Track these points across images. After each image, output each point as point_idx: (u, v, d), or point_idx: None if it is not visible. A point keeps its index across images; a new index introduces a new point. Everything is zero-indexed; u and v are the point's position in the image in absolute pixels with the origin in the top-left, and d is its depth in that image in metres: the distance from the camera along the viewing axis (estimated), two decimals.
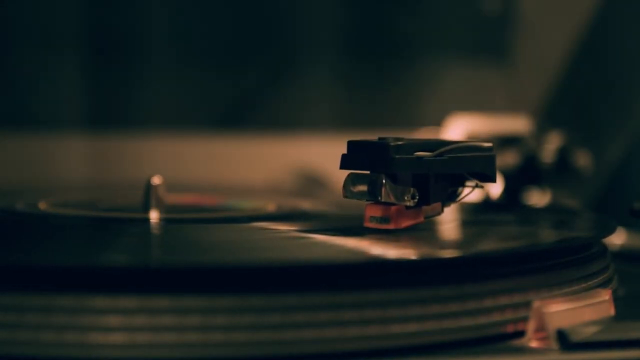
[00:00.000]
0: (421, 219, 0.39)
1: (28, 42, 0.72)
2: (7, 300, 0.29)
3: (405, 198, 0.37)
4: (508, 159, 0.59)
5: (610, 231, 0.41)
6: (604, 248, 0.41)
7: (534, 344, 0.32)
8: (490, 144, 0.39)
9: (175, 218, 0.45)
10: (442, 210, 0.40)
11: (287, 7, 0.77)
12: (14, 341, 0.29)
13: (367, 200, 0.38)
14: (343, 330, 0.30)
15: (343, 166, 0.38)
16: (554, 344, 0.32)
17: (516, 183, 0.58)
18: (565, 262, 0.36)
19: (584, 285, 0.36)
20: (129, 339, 0.29)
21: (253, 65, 0.76)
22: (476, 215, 0.49)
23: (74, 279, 0.30)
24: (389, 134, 0.40)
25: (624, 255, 0.49)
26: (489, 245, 0.39)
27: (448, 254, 0.36)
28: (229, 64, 0.76)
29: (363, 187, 0.37)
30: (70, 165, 0.72)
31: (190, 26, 0.76)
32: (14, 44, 0.72)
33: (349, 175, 0.38)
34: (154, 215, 0.44)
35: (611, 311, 0.35)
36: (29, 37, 0.72)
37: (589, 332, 0.32)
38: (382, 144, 0.37)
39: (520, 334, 0.33)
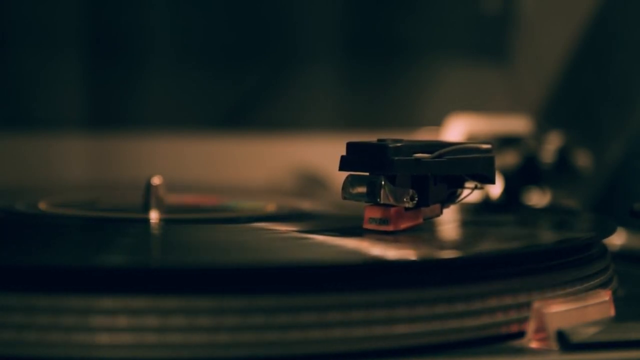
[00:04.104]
0: (420, 221, 0.39)
1: (28, 42, 0.72)
2: (11, 301, 0.29)
3: (405, 200, 0.37)
4: (508, 159, 0.59)
5: (610, 232, 0.41)
6: (604, 249, 0.41)
7: (534, 344, 0.32)
8: (489, 146, 0.39)
9: (175, 218, 0.45)
10: (441, 212, 0.40)
11: (288, 7, 0.77)
12: (18, 342, 0.29)
13: (366, 202, 0.38)
14: (340, 330, 0.30)
15: (342, 168, 0.38)
16: (554, 345, 0.32)
17: (516, 183, 0.58)
18: (565, 262, 0.36)
19: (584, 285, 0.36)
20: (133, 339, 0.29)
21: (253, 65, 0.76)
22: (476, 215, 0.49)
23: (75, 279, 0.30)
24: (389, 135, 0.40)
25: (624, 256, 0.49)
26: (488, 245, 0.39)
27: (447, 254, 0.36)
28: (229, 64, 0.76)
29: (362, 189, 0.37)
30: (70, 165, 0.72)
31: (191, 26, 0.76)
32: (14, 44, 0.72)
33: (348, 176, 0.38)
34: (154, 216, 0.44)
35: (611, 312, 0.35)
36: (29, 36, 0.72)
37: (589, 333, 0.32)
38: (381, 145, 0.37)
39: (521, 334, 0.33)
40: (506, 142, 0.60)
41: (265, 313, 0.30)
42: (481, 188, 0.40)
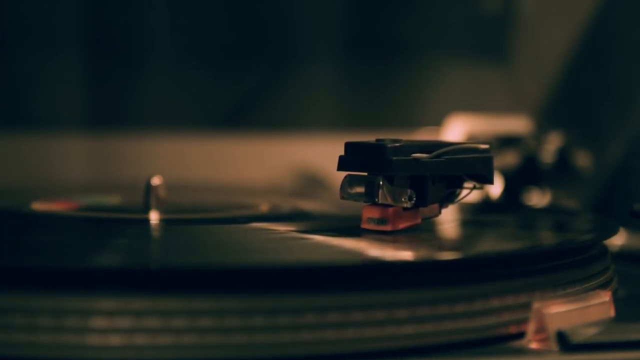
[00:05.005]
0: (418, 221, 0.39)
1: (28, 42, 0.72)
2: (6, 301, 0.29)
3: (403, 199, 0.37)
4: (508, 159, 0.59)
5: (612, 233, 0.41)
6: (604, 249, 0.40)
7: (534, 345, 0.32)
8: (487, 146, 0.39)
9: (175, 218, 0.45)
10: (439, 212, 0.40)
11: (288, 7, 0.77)
12: (15, 342, 0.29)
13: (364, 202, 0.38)
14: (341, 331, 0.30)
15: (340, 168, 0.38)
16: (554, 346, 0.32)
17: (516, 183, 0.58)
18: (566, 263, 0.36)
19: (584, 286, 0.36)
20: (126, 341, 0.29)
21: (253, 65, 0.76)
22: (475, 215, 0.49)
23: (73, 279, 0.30)
24: (389, 135, 0.40)
25: (624, 256, 0.49)
26: (488, 246, 0.39)
27: (446, 255, 0.36)
28: (229, 64, 0.76)
29: (360, 189, 0.37)
30: (70, 165, 0.72)
31: (191, 26, 0.76)
32: (14, 44, 0.72)
33: (346, 176, 0.38)
34: (153, 216, 0.44)
35: (611, 312, 0.35)
36: (29, 36, 0.72)
37: (589, 334, 0.32)
38: (379, 145, 0.37)
39: (520, 335, 0.33)
40: (506, 142, 0.60)
41: (264, 314, 0.30)
42: (480, 188, 0.40)
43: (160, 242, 0.39)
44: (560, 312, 0.32)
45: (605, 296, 0.35)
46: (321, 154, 0.71)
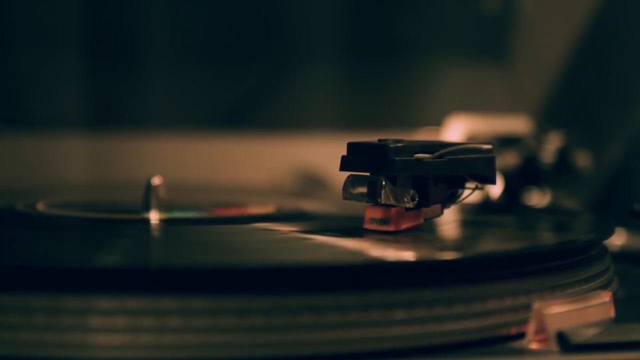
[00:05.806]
0: (421, 221, 0.39)
1: (28, 42, 0.72)
2: (7, 301, 0.29)
3: (405, 200, 0.37)
4: (508, 159, 0.59)
5: (610, 233, 0.41)
6: (604, 249, 0.41)
7: (534, 345, 0.32)
8: (489, 146, 0.39)
9: (175, 219, 0.45)
10: (441, 212, 0.40)
11: (288, 7, 0.77)
12: (15, 342, 0.29)
13: (366, 202, 0.38)
14: (341, 331, 0.30)
15: (343, 168, 0.38)
16: (554, 346, 0.32)
17: (516, 183, 0.58)
18: (566, 263, 0.36)
19: (584, 286, 0.36)
20: (130, 340, 0.29)
21: (253, 65, 0.76)
22: (476, 216, 0.49)
23: (74, 280, 0.30)
24: (389, 135, 0.40)
25: (624, 256, 0.49)
26: (488, 246, 0.39)
27: (448, 255, 0.36)
28: (229, 64, 0.76)
29: (363, 189, 0.37)
30: (70, 165, 0.72)
31: (191, 26, 0.76)
32: (14, 44, 0.72)
33: (348, 176, 0.38)
34: (153, 216, 0.44)
35: (611, 313, 0.35)
36: (29, 36, 0.72)
37: (589, 334, 0.32)
38: (381, 146, 0.37)
39: (521, 335, 0.33)
40: (506, 142, 0.60)
41: (265, 314, 0.30)
42: (482, 188, 0.40)
43: (160, 242, 0.39)
44: (560, 312, 0.32)
45: (606, 296, 0.35)
46: (321, 154, 0.71)
